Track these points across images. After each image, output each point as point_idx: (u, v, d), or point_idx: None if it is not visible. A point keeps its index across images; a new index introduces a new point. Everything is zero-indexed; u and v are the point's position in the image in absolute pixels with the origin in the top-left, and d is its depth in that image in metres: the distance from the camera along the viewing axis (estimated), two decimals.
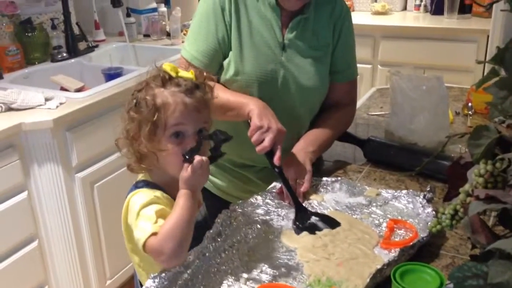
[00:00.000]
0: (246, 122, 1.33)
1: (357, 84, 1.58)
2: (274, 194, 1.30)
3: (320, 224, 1.18)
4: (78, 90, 2.22)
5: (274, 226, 1.19)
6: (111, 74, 2.44)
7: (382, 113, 1.89)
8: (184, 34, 3.01)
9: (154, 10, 3.20)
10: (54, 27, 2.62)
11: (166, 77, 1.09)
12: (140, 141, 1.09)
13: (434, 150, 1.39)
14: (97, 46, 2.84)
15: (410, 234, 1.12)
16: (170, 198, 1.11)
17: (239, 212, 1.19)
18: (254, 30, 1.41)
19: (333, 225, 1.17)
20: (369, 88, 2.86)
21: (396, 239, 1.13)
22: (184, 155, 1.05)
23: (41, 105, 1.99)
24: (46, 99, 2.02)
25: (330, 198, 1.30)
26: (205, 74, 1.16)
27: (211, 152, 1.11)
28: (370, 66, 3.43)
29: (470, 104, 1.84)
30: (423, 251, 1.09)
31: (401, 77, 1.60)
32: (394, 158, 1.48)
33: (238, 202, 1.24)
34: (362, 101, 2.06)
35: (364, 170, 1.47)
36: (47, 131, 1.92)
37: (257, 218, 1.20)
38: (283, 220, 1.21)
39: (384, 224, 1.18)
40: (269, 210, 1.25)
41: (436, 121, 1.55)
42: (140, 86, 1.11)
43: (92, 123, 2.09)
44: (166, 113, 1.06)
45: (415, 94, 1.55)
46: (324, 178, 1.36)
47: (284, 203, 1.27)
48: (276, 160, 1.25)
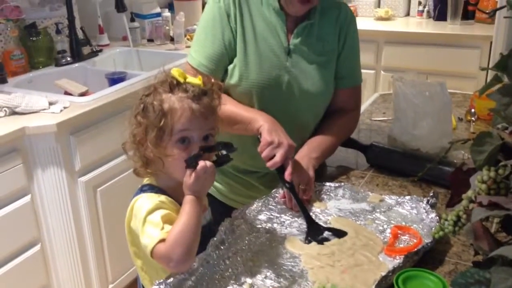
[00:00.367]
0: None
1: (361, 89, 1.58)
2: (276, 200, 1.30)
3: (331, 237, 1.17)
4: (82, 94, 2.22)
5: (278, 234, 1.18)
6: (115, 79, 2.45)
7: (385, 118, 1.90)
8: (187, 39, 3.02)
9: (158, 15, 3.21)
10: (58, 32, 2.64)
11: (174, 82, 1.09)
12: (146, 146, 1.09)
13: (437, 156, 1.39)
14: (101, 50, 2.85)
15: (414, 240, 1.12)
16: (175, 202, 1.12)
17: (242, 220, 1.19)
18: (259, 36, 1.41)
19: (340, 235, 1.17)
20: (372, 93, 2.87)
21: (400, 245, 1.12)
22: (186, 161, 1.05)
23: (45, 109, 2.00)
24: (50, 103, 2.03)
25: (333, 205, 1.30)
26: (213, 81, 1.16)
27: (217, 157, 1.11)
28: (373, 72, 3.43)
29: (473, 110, 1.83)
30: (426, 257, 1.08)
31: (404, 82, 1.60)
32: (396, 164, 1.48)
33: (241, 208, 1.24)
34: (365, 106, 2.06)
35: (366, 176, 1.48)
36: (51, 135, 1.93)
37: (260, 226, 1.20)
38: (287, 228, 1.21)
39: (388, 230, 1.18)
40: (272, 216, 1.25)
41: (439, 127, 1.55)
42: (148, 90, 1.12)
43: (95, 128, 2.10)
44: (173, 118, 1.07)
45: (418, 100, 1.55)
46: (327, 184, 1.36)
47: (287, 209, 1.27)
48: (287, 175, 1.24)
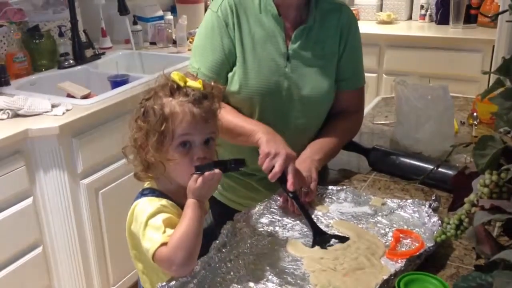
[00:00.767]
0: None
1: (364, 91, 1.58)
2: (278, 203, 1.30)
3: (335, 243, 1.16)
4: (85, 97, 2.23)
5: (280, 237, 1.18)
6: (117, 82, 2.46)
7: (387, 122, 1.89)
8: (190, 42, 3.02)
9: (161, 18, 3.21)
10: (61, 35, 2.64)
11: (174, 86, 1.09)
12: (147, 150, 1.09)
13: (439, 159, 1.39)
14: (103, 53, 2.85)
15: (416, 244, 1.12)
16: (176, 206, 1.12)
17: (244, 223, 1.19)
18: (257, 43, 1.42)
19: (343, 239, 1.16)
20: (374, 97, 2.86)
21: (402, 249, 1.12)
22: (196, 167, 1.05)
23: (47, 111, 2.00)
24: (53, 106, 2.03)
25: (335, 208, 1.30)
26: (213, 84, 1.16)
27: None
28: (375, 75, 3.43)
29: (475, 114, 1.83)
30: (428, 261, 1.08)
31: (406, 86, 1.60)
32: (399, 167, 1.47)
33: (243, 211, 1.24)
34: (367, 110, 2.06)
35: (369, 179, 1.47)
36: (53, 138, 1.93)
37: (262, 229, 1.20)
38: (289, 231, 1.21)
39: (390, 233, 1.17)
40: (273, 219, 1.25)
41: (441, 130, 1.55)
42: (148, 94, 1.12)
43: (98, 130, 2.10)
44: (174, 123, 1.07)
45: (420, 104, 1.55)
46: (329, 187, 1.36)
47: (289, 213, 1.26)
48: (289, 186, 1.23)
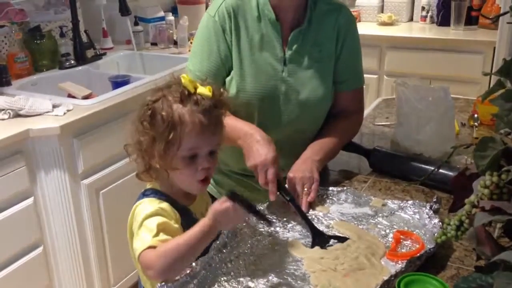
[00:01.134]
0: None
1: (363, 92, 1.58)
2: (279, 203, 1.29)
3: (335, 243, 1.16)
4: (86, 97, 2.23)
5: (280, 237, 1.18)
6: (118, 82, 2.46)
7: (388, 123, 1.90)
8: (191, 43, 3.02)
9: (162, 19, 3.21)
10: (62, 35, 2.65)
11: (185, 92, 1.07)
12: (152, 156, 1.08)
13: (439, 160, 1.39)
14: (104, 54, 2.85)
15: (417, 245, 1.12)
16: (176, 211, 1.11)
17: (244, 224, 1.19)
18: (255, 48, 1.42)
19: (342, 239, 1.16)
20: (375, 98, 2.87)
21: (402, 250, 1.12)
22: (231, 195, 1.00)
23: (48, 111, 2.01)
24: (54, 106, 2.04)
25: (336, 209, 1.29)
26: (222, 90, 1.15)
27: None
28: (376, 77, 3.43)
29: (476, 115, 1.83)
30: (429, 262, 1.08)
31: (407, 87, 1.60)
32: (399, 169, 1.48)
33: None
34: (368, 111, 2.06)
35: (369, 180, 1.47)
36: (54, 138, 1.93)
37: (262, 229, 1.20)
38: (289, 232, 1.21)
39: (390, 234, 1.17)
40: (274, 220, 1.25)
41: (442, 132, 1.55)
42: (156, 95, 1.09)
43: (99, 130, 2.10)
44: (182, 132, 1.06)
45: (421, 105, 1.55)
46: (330, 188, 1.36)
47: (289, 213, 1.26)
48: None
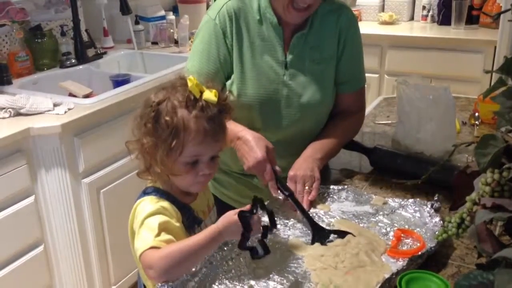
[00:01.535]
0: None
1: (365, 91, 1.57)
2: (280, 202, 1.30)
3: (335, 238, 1.16)
4: (86, 96, 2.23)
5: (281, 235, 1.18)
6: (119, 81, 2.46)
7: (389, 122, 1.90)
8: (191, 42, 3.02)
9: (163, 18, 3.22)
10: (63, 34, 2.65)
11: (191, 97, 1.06)
12: (154, 159, 1.08)
13: (440, 159, 1.39)
14: (105, 53, 2.86)
15: (418, 244, 1.12)
16: (177, 210, 1.11)
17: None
18: (256, 52, 1.41)
19: (342, 234, 1.16)
20: (376, 97, 2.86)
21: (403, 248, 1.12)
22: (242, 215, 1.00)
23: (49, 110, 2.01)
24: (55, 105, 2.04)
25: (337, 207, 1.30)
26: (227, 94, 1.15)
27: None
28: (377, 76, 3.43)
29: (477, 114, 1.83)
30: (430, 260, 1.08)
31: (408, 86, 1.60)
32: (400, 167, 1.47)
33: None
34: (369, 110, 2.06)
35: (370, 179, 1.47)
36: (55, 136, 1.93)
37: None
38: (290, 229, 1.21)
39: (391, 233, 1.17)
40: (275, 217, 1.24)
41: (443, 130, 1.55)
42: (160, 97, 1.08)
43: (99, 129, 2.11)
44: (186, 138, 1.05)
45: (422, 104, 1.55)
46: (331, 186, 1.36)
47: (290, 211, 1.26)
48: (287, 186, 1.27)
